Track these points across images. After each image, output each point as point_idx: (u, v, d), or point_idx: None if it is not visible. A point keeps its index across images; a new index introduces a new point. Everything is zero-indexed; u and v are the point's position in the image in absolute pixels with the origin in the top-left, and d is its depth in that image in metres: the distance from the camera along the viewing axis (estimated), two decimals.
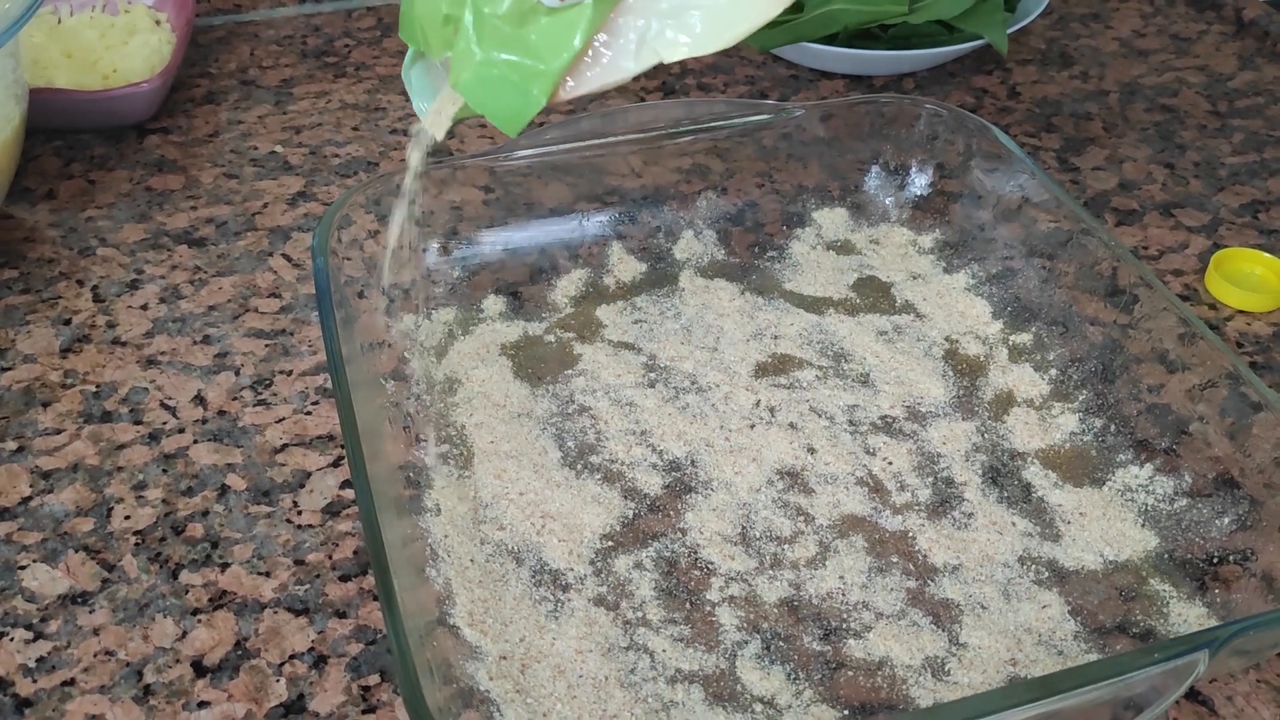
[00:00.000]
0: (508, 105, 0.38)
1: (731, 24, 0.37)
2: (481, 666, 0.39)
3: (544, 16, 0.36)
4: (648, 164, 0.58)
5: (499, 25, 0.37)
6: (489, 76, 0.37)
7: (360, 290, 0.51)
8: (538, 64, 0.37)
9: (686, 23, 0.37)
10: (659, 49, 0.37)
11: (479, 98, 0.38)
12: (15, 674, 0.40)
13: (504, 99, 0.38)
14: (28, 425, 0.49)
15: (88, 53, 0.66)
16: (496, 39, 0.37)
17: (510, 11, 0.36)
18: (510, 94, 0.38)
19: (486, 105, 0.38)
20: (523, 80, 0.37)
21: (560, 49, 0.37)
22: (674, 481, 0.46)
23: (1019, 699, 0.34)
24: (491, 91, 0.38)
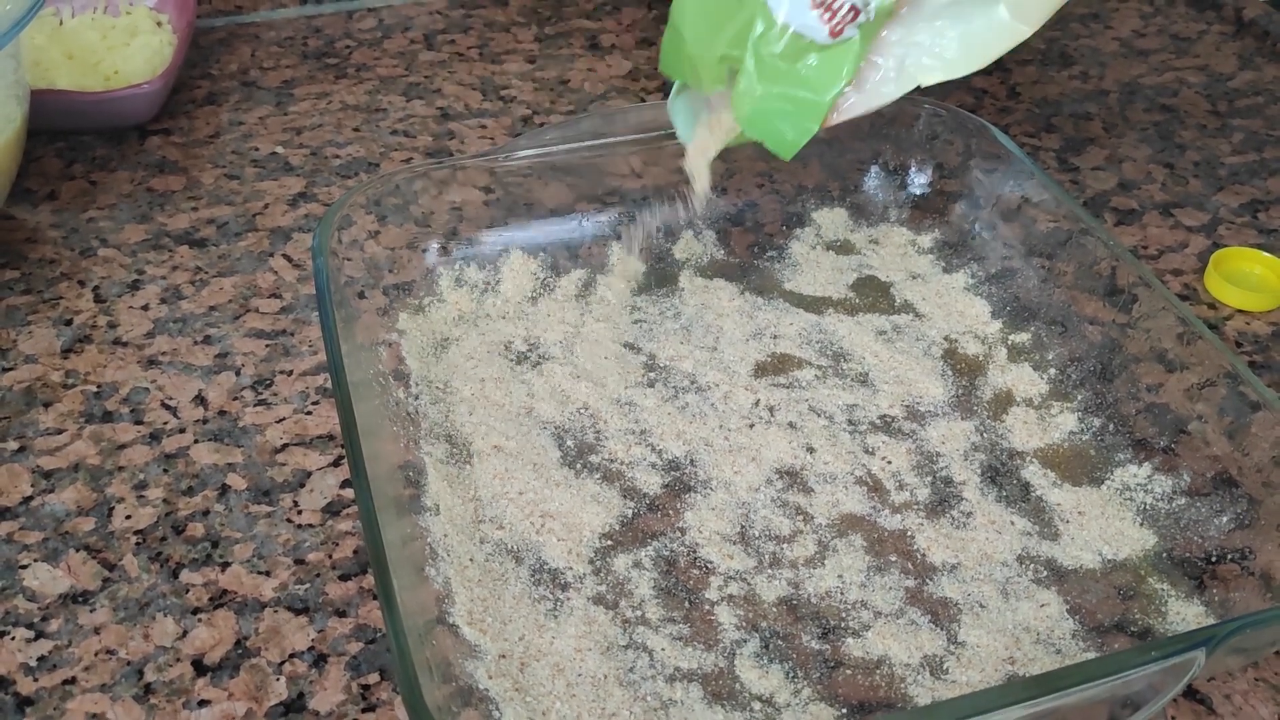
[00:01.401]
0: (784, 133, 0.43)
1: (982, 49, 0.41)
2: (481, 665, 0.39)
3: (815, 53, 0.41)
4: (648, 164, 0.58)
5: (776, 63, 0.42)
6: (768, 110, 0.42)
7: (360, 290, 0.51)
8: (812, 95, 0.42)
9: (941, 50, 0.42)
10: (916, 74, 0.42)
11: (759, 128, 0.43)
12: (16, 672, 0.41)
13: (781, 128, 0.43)
14: (29, 425, 0.50)
15: (89, 54, 0.67)
16: (774, 75, 0.42)
17: (786, 50, 0.41)
18: (786, 123, 0.43)
19: (765, 134, 0.43)
20: (798, 111, 0.42)
21: (832, 81, 0.42)
22: (673, 481, 0.47)
23: (1017, 697, 0.34)
24: (770, 122, 0.43)
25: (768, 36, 0.41)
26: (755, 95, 0.42)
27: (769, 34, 0.41)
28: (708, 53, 0.43)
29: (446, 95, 0.72)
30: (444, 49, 0.77)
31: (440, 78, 0.74)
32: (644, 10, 0.81)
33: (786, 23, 0.41)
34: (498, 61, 0.75)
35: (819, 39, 0.41)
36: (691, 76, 0.45)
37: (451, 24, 0.80)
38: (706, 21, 0.43)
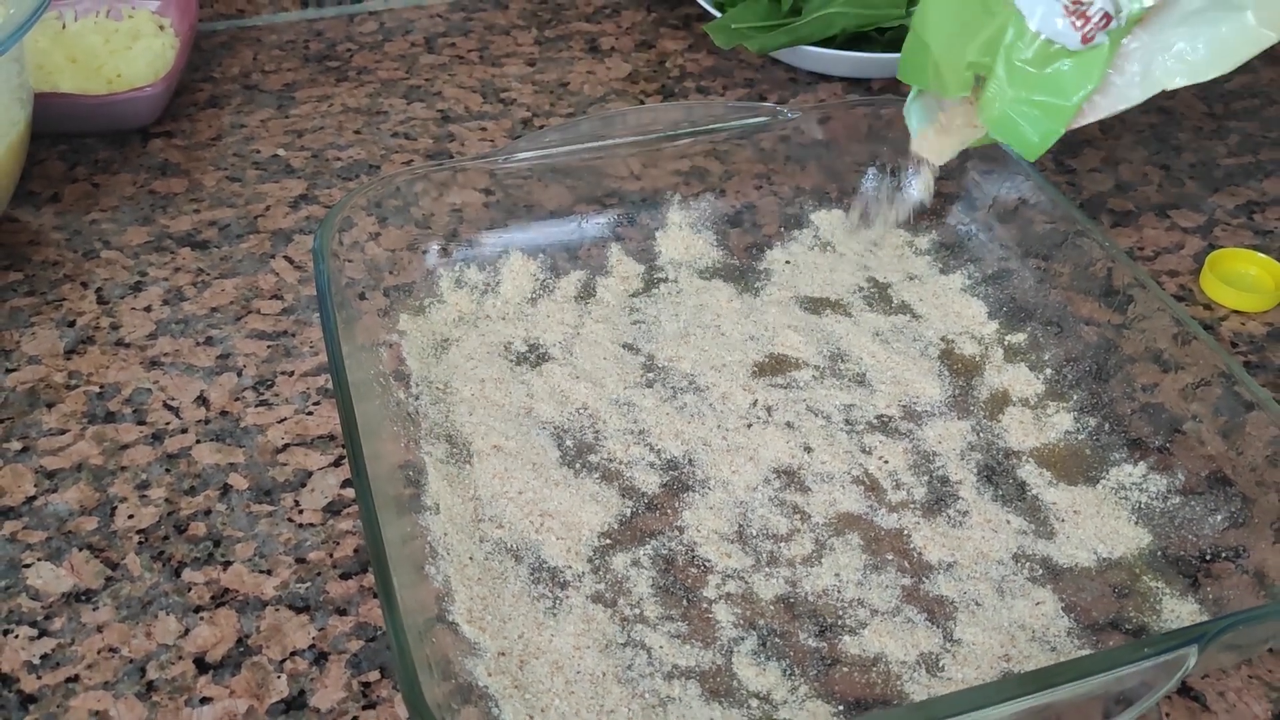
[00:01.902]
0: (1029, 136, 0.45)
1: (1229, 55, 0.42)
2: (480, 663, 0.40)
3: (1065, 59, 0.43)
4: (646, 166, 0.58)
5: (1025, 69, 0.43)
6: (1016, 114, 0.44)
7: (361, 292, 0.51)
8: (1059, 100, 0.43)
9: (1188, 55, 0.43)
10: (1162, 79, 0.43)
11: (1005, 131, 0.45)
12: (20, 670, 0.41)
13: (1026, 131, 0.44)
14: (32, 426, 0.50)
15: (92, 57, 0.67)
16: (1023, 81, 0.43)
17: (1036, 56, 0.43)
18: (1032, 126, 0.44)
19: (1011, 137, 0.45)
20: (1045, 114, 0.44)
21: (1080, 86, 0.43)
22: (671, 480, 0.47)
23: (1011, 693, 0.34)
24: (1016, 125, 0.44)
25: (1019, 44, 0.43)
26: (1005, 99, 0.44)
27: (1020, 41, 0.43)
28: (956, 60, 0.44)
29: (447, 98, 0.72)
30: (444, 52, 0.77)
31: (441, 80, 0.74)
32: (643, 13, 0.82)
33: (1038, 30, 0.42)
34: (498, 64, 0.76)
35: (1070, 45, 0.42)
36: (934, 83, 0.46)
37: (452, 27, 0.80)
38: (955, 30, 0.44)
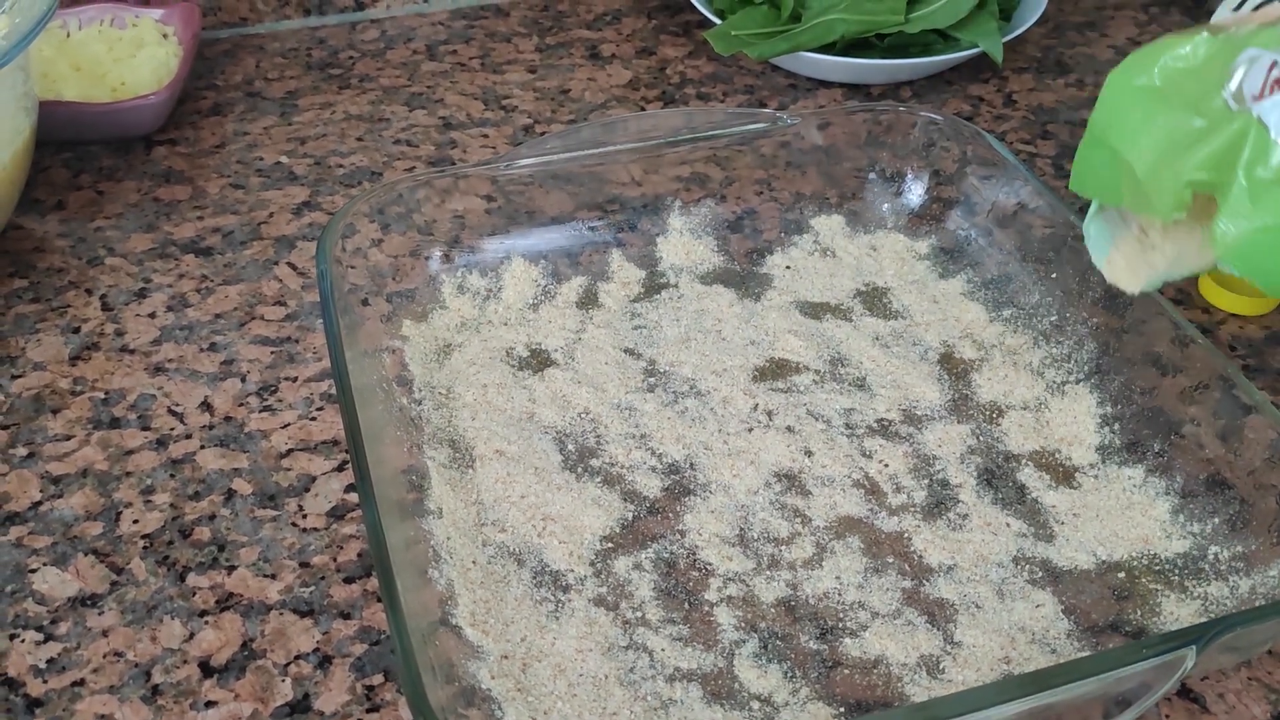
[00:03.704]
0: (1275, 269, 0.38)
1: None
2: (483, 666, 0.40)
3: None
4: (647, 172, 0.59)
5: (1271, 186, 0.36)
6: (1266, 241, 0.37)
7: (364, 297, 0.52)
8: None
9: None
10: None
11: (1252, 262, 0.38)
12: (26, 674, 0.41)
13: (1272, 262, 0.37)
14: (38, 431, 0.50)
15: (96, 66, 0.67)
16: (1269, 200, 0.36)
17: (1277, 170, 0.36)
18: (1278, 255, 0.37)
19: (1259, 269, 0.38)
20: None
21: None
22: (673, 484, 0.47)
23: (1011, 694, 0.34)
24: (1266, 255, 0.37)
25: (1262, 157, 0.36)
26: (1250, 225, 0.36)
27: (1264, 154, 0.36)
28: (1170, 177, 0.38)
29: (449, 105, 0.73)
30: (446, 59, 0.78)
31: (442, 88, 0.74)
32: (644, 20, 0.82)
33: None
34: (499, 71, 0.76)
35: None
36: (1135, 201, 0.40)
37: (453, 34, 0.80)
38: (1163, 141, 0.38)
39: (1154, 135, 0.38)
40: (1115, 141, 0.40)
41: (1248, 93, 0.37)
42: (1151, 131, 0.38)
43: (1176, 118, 0.38)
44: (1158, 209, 0.39)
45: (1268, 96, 0.36)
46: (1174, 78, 0.39)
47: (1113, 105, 0.40)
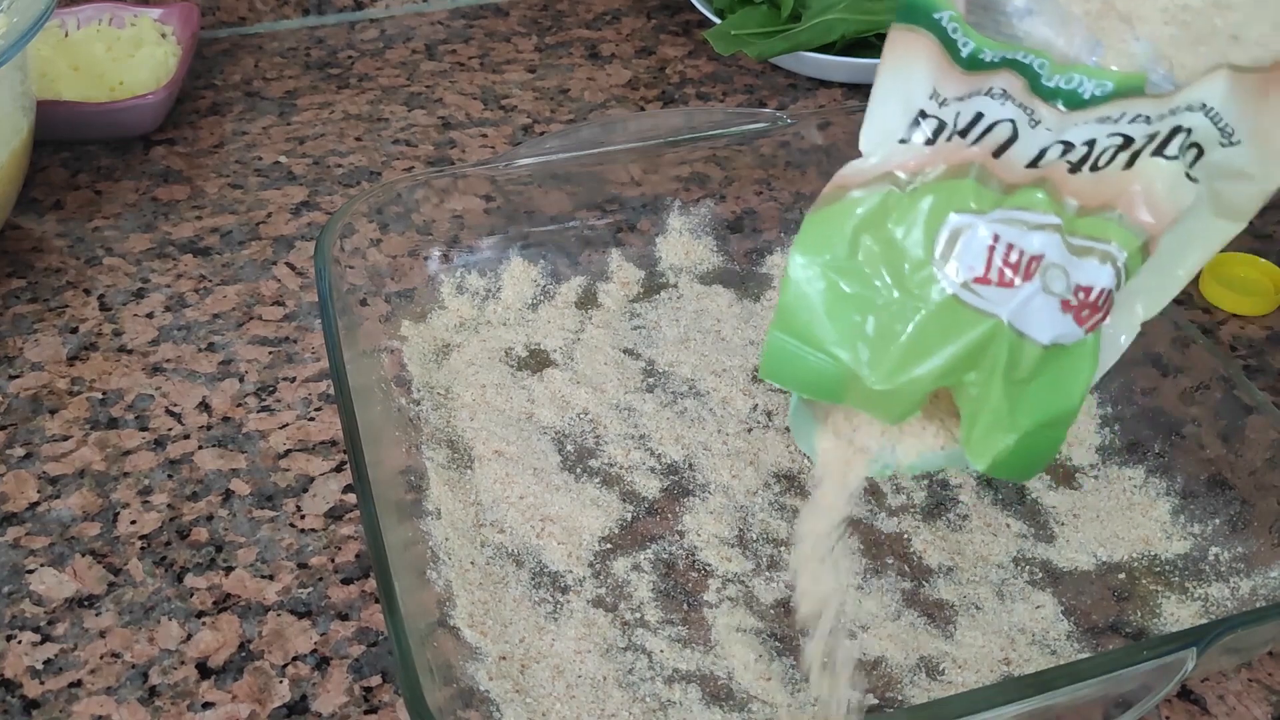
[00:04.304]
0: (1038, 462, 0.35)
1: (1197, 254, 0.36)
2: (481, 667, 0.40)
3: (1063, 355, 0.34)
4: (647, 172, 0.59)
5: (1026, 387, 0.34)
6: (1028, 444, 0.34)
7: (362, 298, 0.51)
8: (1066, 404, 0.34)
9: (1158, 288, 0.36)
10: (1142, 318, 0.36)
11: (1013, 466, 0.35)
12: (23, 675, 0.41)
13: (1036, 458, 0.35)
14: (35, 432, 0.50)
15: (95, 65, 0.67)
16: (1027, 401, 0.34)
17: (1035, 366, 0.33)
18: (1046, 448, 0.35)
19: (1017, 468, 0.35)
20: (1052, 428, 0.34)
21: (1086, 376, 0.34)
22: (672, 485, 0.47)
23: (1011, 696, 0.34)
24: (1026, 456, 0.35)
25: (1015, 361, 0.33)
26: (1013, 431, 0.34)
27: (1017, 358, 0.33)
28: (908, 386, 0.33)
29: (448, 104, 0.72)
30: (445, 59, 0.77)
31: (441, 87, 0.74)
32: (643, 20, 0.82)
33: (1050, 341, 0.33)
34: (498, 71, 0.76)
35: (1072, 339, 0.33)
36: (859, 402, 0.35)
37: (452, 34, 0.80)
38: (881, 339, 0.34)
39: (862, 328, 0.34)
40: (819, 338, 0.34)
41: (965, 274, 0.33)
42: (858, 324, 0.34)
43: (884, 304, 0.33)
44: (889, 415, 0.35)
45: (1004, 286, 0.33)
46: (860, 246, 0.34)
47: (805, 292, 0.34)
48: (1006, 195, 0.34)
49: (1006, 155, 0.34)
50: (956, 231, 0.33)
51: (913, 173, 0.34)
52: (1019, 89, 0.35)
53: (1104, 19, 0.36)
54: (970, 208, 0.33)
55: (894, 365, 0.33)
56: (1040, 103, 0.35)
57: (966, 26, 0.35)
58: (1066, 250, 0.33)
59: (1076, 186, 0.34)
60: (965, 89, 0.34)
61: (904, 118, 0.35)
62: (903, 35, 0.35)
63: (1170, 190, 0.33)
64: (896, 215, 0.34)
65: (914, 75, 0.35)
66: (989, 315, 0.33)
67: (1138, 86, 0.35)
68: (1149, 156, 0.33)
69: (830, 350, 0.34)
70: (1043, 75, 0.35)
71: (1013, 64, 0.35)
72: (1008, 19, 0.36)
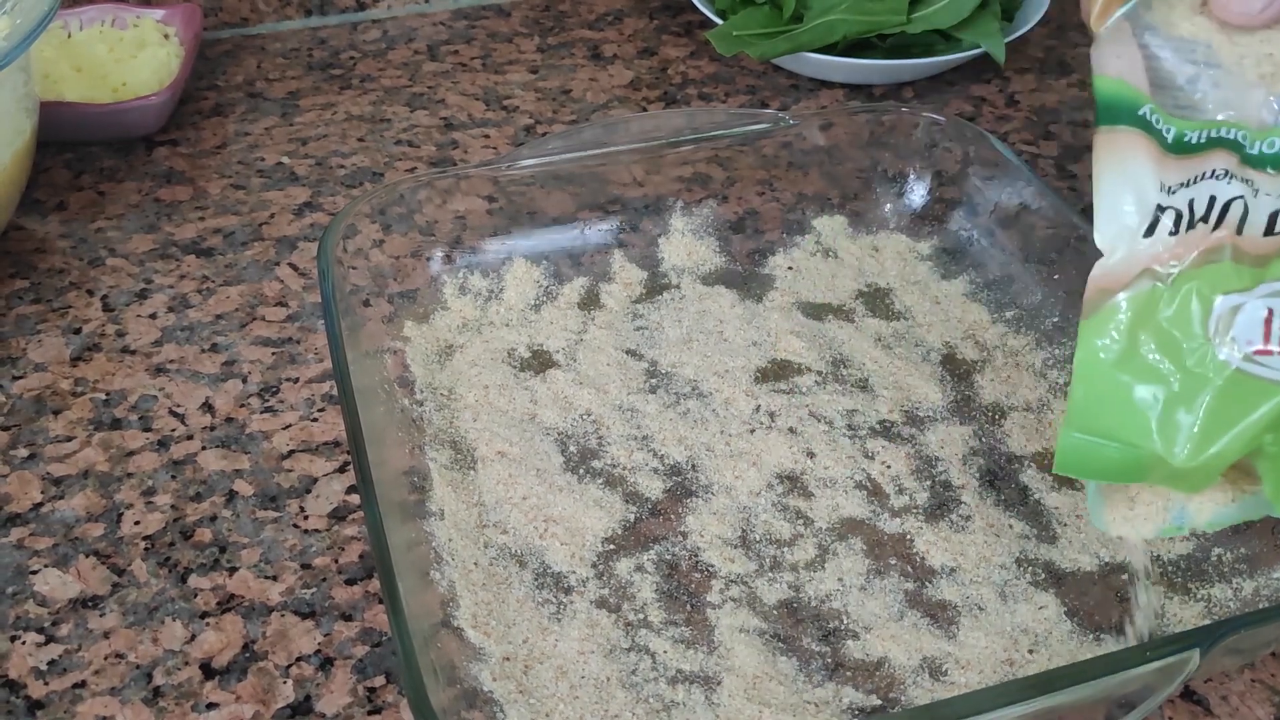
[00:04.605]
0: None
1: None
2: (485, 668, 0.40)
3: None
4: (649, 173, 0.59)
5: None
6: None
7: (365, 298, 0.52)
8: None
9: None
10: None
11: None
12: (27, 676, 0.41)
13: None
14: (39, 433, 0.50)
15: (97, 66, 0.67)
16: None
17: None
18: None
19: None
20: None
21: None
22: (675, 485, 0.47)
23: (1014, 696, 0.34)
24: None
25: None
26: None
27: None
28: (1212, 460, 0.36)
29: (450, 105, 0.72)
30: (447, 59, 0.78)
31: (444, 88, 0.74)
32: (645, 20, 0.82)
33: None
34: (500, 71, 0.76)
35: None
36: (1161, 479, 0.38)
37: (455, 35, 0.80)
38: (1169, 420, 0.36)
39: (1158, 415, 0.37)
40: (1116, 431, 0.38)
41: (1245, 348, 0.35)
42: (1152, 412, 0.37)
43: (1173, 389, 0.36)
44: (1192, 487, 0.38)
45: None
46: (1139, 341, 0.37)
47: (1096, 391, 0.38)
48: (1264, 269, 0.36)
49: (1245, 230, 0.36)
50: (1229, 311, 0.36)
51: (1168, 264, 0.36)
52: (1234, 163, 0.37)
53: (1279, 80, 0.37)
54: (1235, 286, 0.36)
55: (1197, 443, 0.36)
56: (1254, 171, 0.36)
57: (1164, 113, 0.37)
58: None
59: None
60: (1185, 174, 0.37)
61: (1140, 213, 0.37)
62: (1111, 137, 0.37)
63: None
64: (1164, 306, 0.36)
65: (1137, 172, 0.37)
66: (1278, 383, 0.35)
67: None
68: None
69: (1128, 439, 0.37)
70: (1245, 145, 0.37)
71: (1218, 141, 0.37)
72: (1189, 95, 0.38)
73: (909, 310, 0.56)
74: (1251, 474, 0.38)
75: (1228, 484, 0.39)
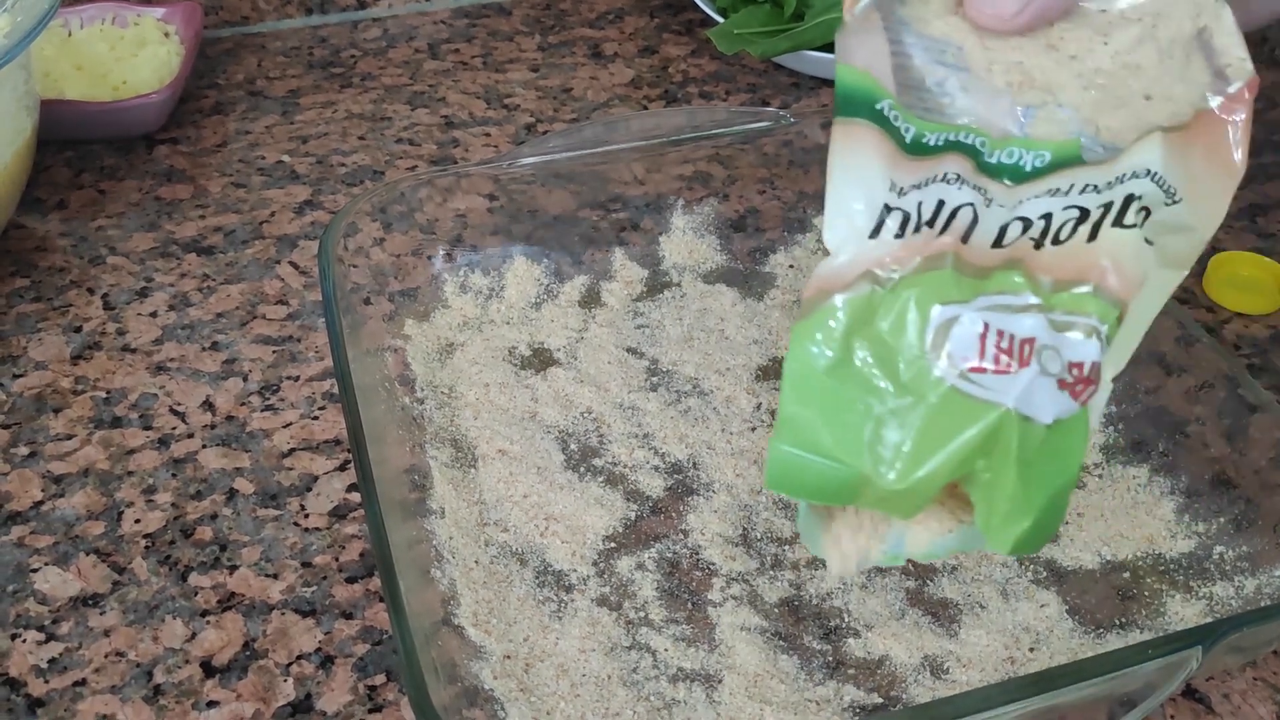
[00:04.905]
0: (1048, 533, 0.35)
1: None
2: (486, 666, 0.40)
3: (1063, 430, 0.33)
4: (650, 171, 0.59)
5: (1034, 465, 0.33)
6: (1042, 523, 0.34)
7: (366, 297, 0.51)
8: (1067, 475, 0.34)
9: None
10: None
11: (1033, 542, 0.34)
12: (28, 674, 0.41)
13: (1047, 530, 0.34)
14: (39, 431, 0.50)
15: (98, 65, 0.67)
16: (1036, 479, 0.33)
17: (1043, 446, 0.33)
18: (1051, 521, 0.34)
19: (1034, 544, 0.34)
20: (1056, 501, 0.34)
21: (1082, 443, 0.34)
22: (676, 484, 0.47)
23: (1015, 695, 0.34)
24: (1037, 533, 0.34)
25: (1026, 444, 0.33)
26: (1033, 514, 0.33)
27: (1027, 441, 0.33)
28: (923, 483, 0.33)
29: (451, 104, 0.72)
30: (448, 58, 0.77)
31: (444, 86, 0.74)
32: (646, 19, 0.82)
33: (1051, 420, 0.33)
34: (501, 70, 0.76)
35: (1070, 414, 0.33)
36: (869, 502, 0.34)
37: (455, 33, 0.80)
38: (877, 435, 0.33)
39: (868, 430, 0.33)
40: (825, 446, 0.34)
41: (960, 364, 0.32)
42: (862, 426, 0.33)
43: (885, 403, 0.33)
44: (902, 511, 0.34)
45: (1002, 373, 0.32)
46: (852, 349, 0.34)
47: (804, 400, 0.34)
48: (984, 280, 0.33)
49: (972, 239, 0.34)
50: (945, 323, 0.33)
51: (889, 268, 0.34)
52: (968, 170, 0.34)
53: (1026, 90, 0.35)
54: (954, 298, 0.33)
55: (906, 464, 0.33)
56: (989, 180, 0.34)
57: (905, 111, 0.35)
58: (1051, 328, 0.33)
59: (1045, 263, 0.33)
60: (918, 176, 0.34)
61: (868, 213, 0.34)
62: (847, 129, 0.35)
63: (1135, 258, 0.33)
64: (883, 313, 0.33)
65: (868, 169, 0.34)
66: (993, 404, 0.32)
67: (1074, 154, 0.34)
68: (1110, 228, 0.33)
69: (838, 456, 0.34)
70: (984, 152, 0.35)
71: (956, 145, 0.35)
72: (935, 98, 0.36)
73: None
74: (968, 503, 0.35)
75: (945, 513, 0.36)
